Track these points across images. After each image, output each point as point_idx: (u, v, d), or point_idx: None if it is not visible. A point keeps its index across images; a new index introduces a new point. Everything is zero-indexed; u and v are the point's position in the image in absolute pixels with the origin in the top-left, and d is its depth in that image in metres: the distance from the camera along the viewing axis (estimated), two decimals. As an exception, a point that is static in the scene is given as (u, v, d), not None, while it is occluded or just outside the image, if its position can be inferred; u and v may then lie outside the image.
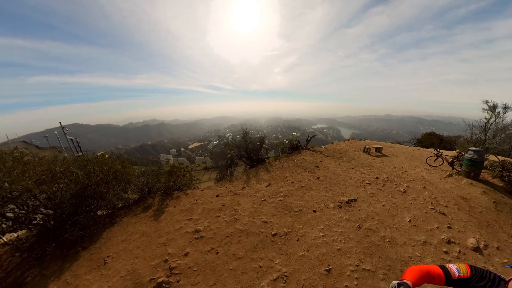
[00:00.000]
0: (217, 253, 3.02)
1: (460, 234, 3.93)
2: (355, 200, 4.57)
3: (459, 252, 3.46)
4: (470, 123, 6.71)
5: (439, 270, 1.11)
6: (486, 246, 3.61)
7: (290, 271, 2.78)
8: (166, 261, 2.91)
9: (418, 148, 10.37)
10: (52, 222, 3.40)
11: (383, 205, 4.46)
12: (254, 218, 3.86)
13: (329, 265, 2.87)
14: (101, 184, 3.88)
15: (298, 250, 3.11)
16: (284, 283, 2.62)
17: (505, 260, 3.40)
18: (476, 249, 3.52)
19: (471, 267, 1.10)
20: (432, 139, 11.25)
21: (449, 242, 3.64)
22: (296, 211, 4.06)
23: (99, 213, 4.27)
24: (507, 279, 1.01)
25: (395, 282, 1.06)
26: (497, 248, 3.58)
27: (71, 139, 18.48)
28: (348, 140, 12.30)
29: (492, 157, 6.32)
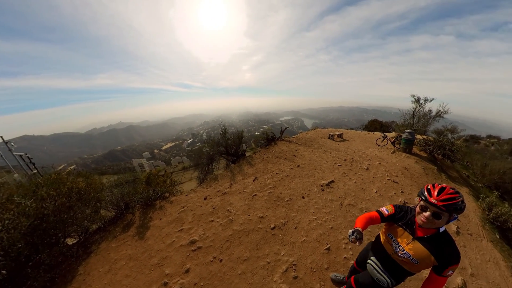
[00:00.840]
0: (221, 260, 2.64)
1: (409, 195, 4.52)
2: (333, 181, 4.73)
3: (403, 203, 4.06)
4: (403, 112, 7.80)
5: (376, 214, 1.45)
6: (417, 202, 4.28)
7: (297, 258, 2.66)
8: (165, 284, 2.37)
9: (367, 132, 11.66)
10: (3, 271, 2.37)
11: (355, 182, 4.75)
12: (249, 215, 3.54)
13: (328, 244, 2.89)
14: (63, 210, 2.88)
15: (298, 237, 3.00)
16: (294, 271, 2.49)
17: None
18: (409, 205, 4.21)
19: (394, 206, 1.45)
20: (375, 125, 12.97)
21: (404, 203, 4.18)
22: (287, 200, 3.92)
23: (69, 242, 3.25)
24: (415, 206, 1.32)
25: (350, 230, 1.31)
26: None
27: (20, 155, 14.27)
28: (314, 129, 12.94)
29: (418, 136, 7.51)
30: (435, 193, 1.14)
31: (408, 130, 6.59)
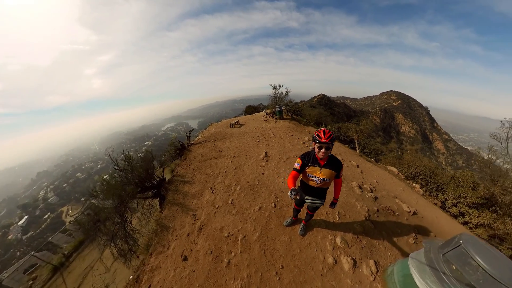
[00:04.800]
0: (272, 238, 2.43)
1: (301, 138, 7.02)
2: (267, 152, 5.57)
3: (303, 143, 6.36)
4: (269, 95, 11.53)
5: (294, 171, 1.81)
6: (307, 140, 7.09)
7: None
8: None
9: (250, 115, 14.95)
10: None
11: (277, 146, 6.07)
12: (250, 217, 3.07)
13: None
14: None
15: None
16: None
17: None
18: (306, 142, 6.79)
19: (300, 157, 1.84)
20: (251, 109, 17.08)
21: (304, 143, 6.34)
22: (258, 183, 3.86)
23: None
24: (312, 149, 1.79)
25: (289, 192, 1.57)
26: (308, 140, 7.18)
27: None
28: (211, 125, 13.23)
29: (284, 108, 11.71)
30: (323, 135, 1.62)
31: (278, 105, 9.89)
